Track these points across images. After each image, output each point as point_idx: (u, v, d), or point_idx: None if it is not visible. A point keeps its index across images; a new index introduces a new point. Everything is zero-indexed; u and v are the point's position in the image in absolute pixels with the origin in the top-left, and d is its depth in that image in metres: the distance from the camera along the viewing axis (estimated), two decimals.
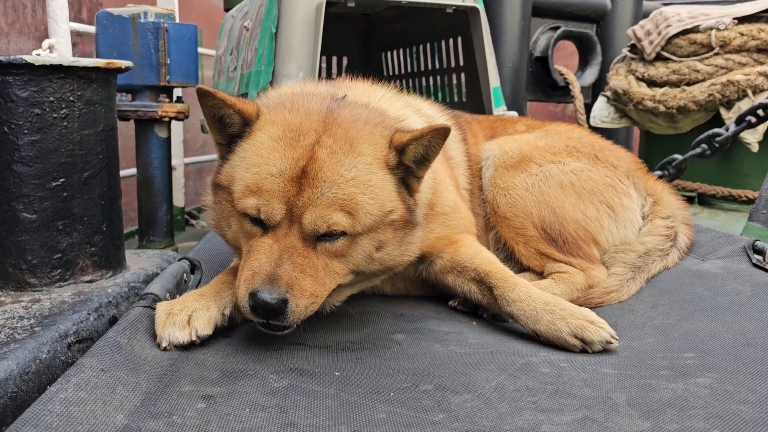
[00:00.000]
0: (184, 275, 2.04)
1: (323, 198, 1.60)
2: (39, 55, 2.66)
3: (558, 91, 5.54)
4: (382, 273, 1.86)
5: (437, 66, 4.22)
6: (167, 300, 1.78)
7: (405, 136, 1.72)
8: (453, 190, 2.17)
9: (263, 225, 1.63)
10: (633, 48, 4.80)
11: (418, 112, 2.22)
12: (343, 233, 1.63)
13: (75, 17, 4.11)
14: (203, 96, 1.69)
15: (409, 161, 1.74)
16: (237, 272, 1.86)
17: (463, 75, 3.90)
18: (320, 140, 1.66)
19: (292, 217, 1.60)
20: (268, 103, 1.83)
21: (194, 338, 1.61)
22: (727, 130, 3.88)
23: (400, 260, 1.82)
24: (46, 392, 1.26)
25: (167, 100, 3.54)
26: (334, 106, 1.79)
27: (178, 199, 4.67)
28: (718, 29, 4.31)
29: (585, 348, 1.70)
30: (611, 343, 1.70)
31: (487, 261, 1.98)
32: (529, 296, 1.82)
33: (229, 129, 1.75)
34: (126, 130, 3.95)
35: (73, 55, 3.56)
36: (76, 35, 4.11)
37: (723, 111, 4.31)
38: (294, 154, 1.63)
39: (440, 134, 1.69)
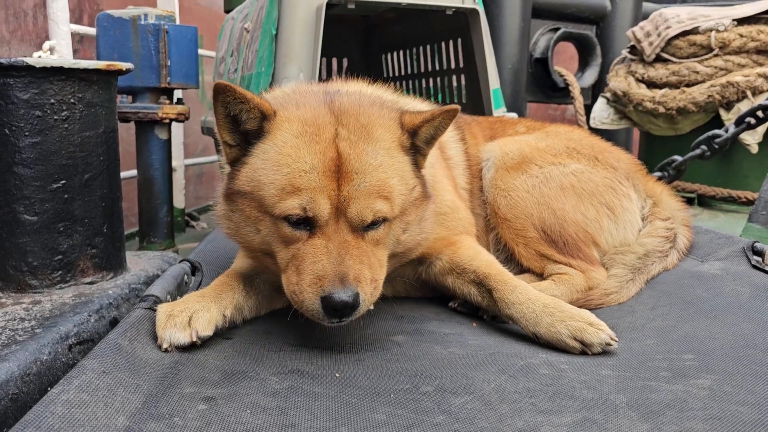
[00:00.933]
0: (185, 277, 2.05)
1: (361, 188, 1.61)
2: (40, 57, 2.66)
3: (558, 93, 5.56)
4: (403, 257, 1.90)
5: (437, 67, 4.23)
6: (168, 302, 1.78)
7: (416, 118, 1.75)
8: (451, 190, 2.17)
9: (308, 225, 1.62)
10: (633, 49, 4.81)
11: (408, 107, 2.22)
12: (385, 219, 1.67)
13: (76, 23, 4.11)
14: (222, 92, 1.65)
15: (420, 142, 1.79)
16: (237, 274, 1.88)
17: (463, 77, 3.91)
18: (337, 132, 1.66)
19: (337, 213, 1.61)
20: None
21: (195, 339, 1.62)
22: (726, 131, 3.89)
23: (419, 239, 1.88)
24: (48, 394, 1.26)
25: (167, 101, 3.54)
26: (333, 97, 1.80)
27: (179, 201, 4.67)
28: (717, 31, 4.32)
29: (585, 350, 1.70)
30: (610, 345, 1.70)
31: (486, 263, 1.99)
32: (529, 298, 1.82)
33: (243, 126, 1.71)
34: (126, 134, 3.96)
35: None
36: (77, 42, 4.12)
37: (722, 112, 4.32)
38: (319, 148, 1.63)
39: (450, 115, 1.76)
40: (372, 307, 1.76)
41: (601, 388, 1.48)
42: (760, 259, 2.27)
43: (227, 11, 5.02)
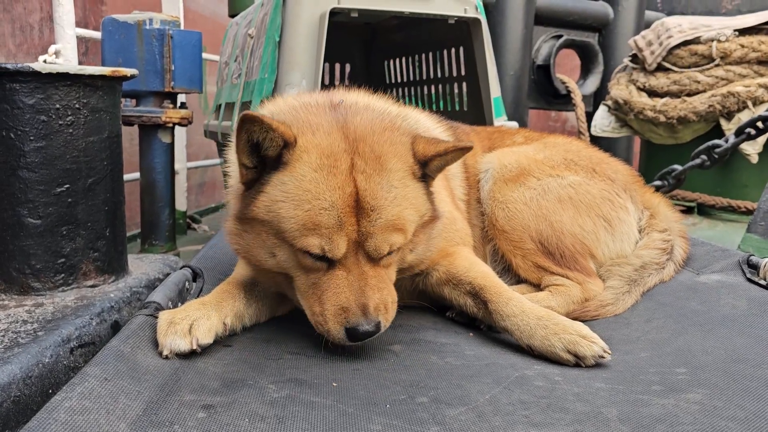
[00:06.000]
0: (186, 283, 2.07)
1: (378, 224, 1.66)
2: (45, 61, 2.69)
3: (559, 99, 5.58)
4: (405, 272, 1.96)
5: (439, 75, 4.25)
6: (169, 308, 1.80)
7: (429, 150, 1.78)
8: (448, 202, 2.19)
9: (327, 260, 1.67)
10: (634, 58, 4.84)
11: (415, 124, 2.24)
12: (400, 248, 1.74)
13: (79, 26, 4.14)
14: (249, 122, 1.63)
15: (431, 171, 1.83)
16: (238, 282, 1.90)
17: (464, 84, 3.93)
18: (353, 163, 1.68)
19: (356, 246, 1.67)
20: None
21: (195, 347, 1.63)
22: (726, 141, 3.91)
23: (423, 257, 1.95)
24: (51, 401, 1.28)
25: (171, 105, 3.58)
26: (345, 116, 1.80)
27: (181, 203, 4.70)
28: (719, 41, 4.34)
29: (578, 362, 1.72)
30: (603, 358, 1.72)
31: (482, 274, 2.00)
32: (523, 311, 1.84)
33: (264, 152, 1.70)
34: (130, 137, 3.99)
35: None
36: (81, 54, 4.15)
37: (723, 122, 4.34)
38: (337, 182, 1.65)
39: (463, 152, 1.82)
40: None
41: (594, 401, 1.50)
42: (755, 272, 2.29)
43: (231, 16, 5.04)
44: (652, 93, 4.64)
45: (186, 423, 1.32)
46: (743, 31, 4.33)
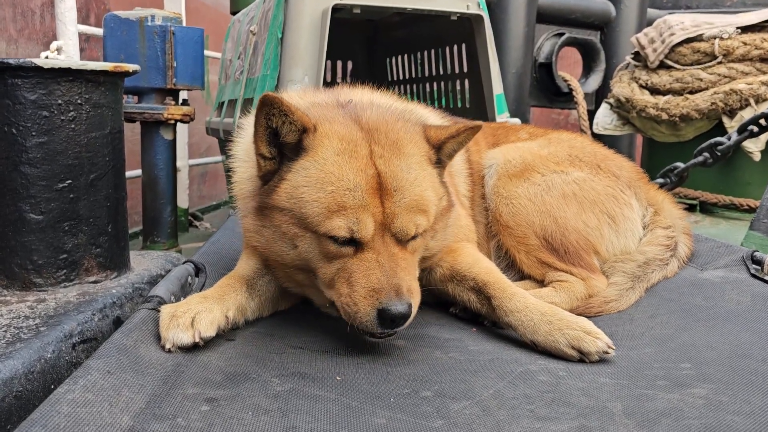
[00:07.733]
0: (189, 278, 2.06)
1: (402, 204, 1.67)
2: (47, 57, 2.68)
3: (561, 97, 5.58)
4: (423, 262, 1.95)
5: (441, 72, 4.25)
6: (172, 303, 1.80)
7: (442, 134, 1.82)
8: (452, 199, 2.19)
9: (354, 243, 1.65)
10: (636, 56, 4.83)
11: (422, 119, 2.23)
12: (424, 230, 1.74)
13: (82, 22, 4.15)
14: (268, 104, 1.64)
15: (444, 156, 1.86)
16: (240, 276, 1.89)
17: (466, 81, 3.93)
18: (372, 149, 1.69)
19: (383, 228, 1.66)
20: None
21: (197, 340, 1.63)
22: (729, 139, 3.89)
23: (441, 245, 1.96)
24: (54, 393, 1.28)
25: (173, 102, 3.58)
26: (355, 111, 1.82)
27: (182, 200, 4.70)
28: (721, 38, 4.33)
29: (582, 358, 1.71)
30: (608, 353, 1.71)
31: (486, 270, 2.00)
32: (527, 306, 1.83)
33: (283, 138, 1.71)
34: (131, 134, 3.99)
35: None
36: (84, 40, 4.15)
37: (725, 119, 4.33)
38: (359, 165, 1.66)
39: (473, 132, 1.85)
40: None
41: (599, 396, 1.50)
42: (759, 267, 2.28)
43: (233, 13, 5.05)
44: (654, 91, 4.63)
45: (189, 416, 1.31)
46: (746, 29, 4.33)
